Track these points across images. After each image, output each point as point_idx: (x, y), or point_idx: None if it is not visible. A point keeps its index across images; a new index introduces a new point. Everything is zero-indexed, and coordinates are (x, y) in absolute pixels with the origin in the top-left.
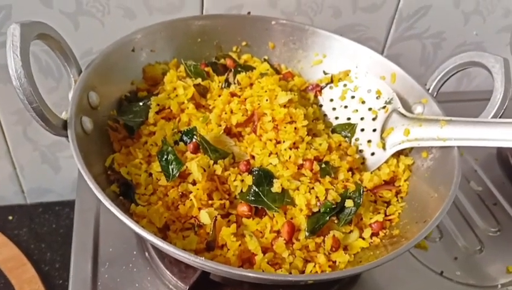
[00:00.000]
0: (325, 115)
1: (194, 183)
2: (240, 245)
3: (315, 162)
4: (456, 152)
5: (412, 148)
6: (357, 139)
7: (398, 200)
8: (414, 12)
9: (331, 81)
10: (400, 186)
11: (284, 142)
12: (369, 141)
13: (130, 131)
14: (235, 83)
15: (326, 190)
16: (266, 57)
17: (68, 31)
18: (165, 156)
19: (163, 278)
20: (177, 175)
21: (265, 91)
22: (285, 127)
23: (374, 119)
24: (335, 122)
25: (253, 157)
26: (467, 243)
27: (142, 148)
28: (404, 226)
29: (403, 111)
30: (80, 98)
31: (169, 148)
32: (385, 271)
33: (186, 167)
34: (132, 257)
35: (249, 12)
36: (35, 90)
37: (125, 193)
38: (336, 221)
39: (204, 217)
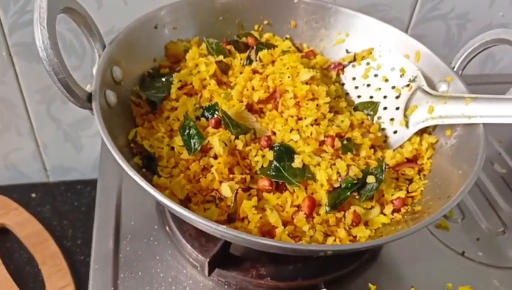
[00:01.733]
0: (347, 94)
1: (215, 157)
2: (260, 218)
3: (337, 139)
4: (481, 129)
5: (435, 127)
6: (379, 118)
7: (420, 178)
8: None
9: (354, 60)
10: (422, 164)
11: (305, 118)
12: (391, 119)
13: (152, 106)
14: (256, 60)
15: (348, 166)
16: (288, 36)
17: (91, 9)
18: (187, 131)
19: (184, 251)
20: (198, 149)
21: (287, 68)
22: (307, 104)
23: (397, 97)
24: (357, 101)
25: (274, 133)
26: (489, 224)
27: (165, 123)
28: (427, 203)
29: (427, 89)
30: (104, 72)
31: (191, 122)
32: (406, 250)
33: (208, 141)
34: (153, 231)
35: None
36: (62, 61)
37: (147, 166)
38: (357, 197)
39: (226, 190)
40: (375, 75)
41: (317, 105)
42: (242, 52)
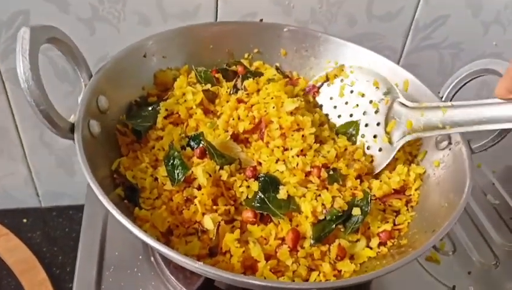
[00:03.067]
0: (327, 115)
1: (199, 188)
2: (243, 252)
3: (323, 169)
4: (467, 159)
5: (423, 157)
6: (363, 136)
7: (408, 210)
8: (431, 21)
9: (327, 80)
10: (410, 195)
11: (291, 149)
12: (375, 136)
13: (138, 135)
14: (242, 89)
15: (333, 197)
16: (278, 64)
17: (84, 37)
18: (172, 161)
19: (168, 283)
20: (182, 180)
21: (272, 98)
22: (292, 135)
23: (376, 112)
24: (338, 121)
25: (260, 163)
26: (481, 257)
27: (149, 153)
28: (413, 236)
29: (403, 100)
30: (88, 102)
31: (176, 152)
32: (396, 284)
33: (192, 171)
34: (137, 262)
35: (261, 20)
36: (43, 93)
37: (130, 197)
38: (342, 229)
39: (208, 222)
40: (351, 92)
41: (302, 136)
42: (231, 80)
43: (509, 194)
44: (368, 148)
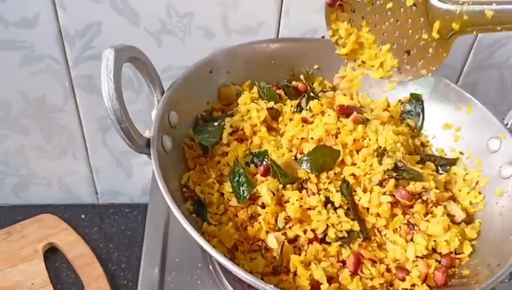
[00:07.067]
0: (363, 17)
1: (263, 206)
2: (310, 275)
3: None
4: None
5: (486, 183)
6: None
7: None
8: (494, 41)
9: None
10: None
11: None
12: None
13: (204, 150)
14: (307, 110)
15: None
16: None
17: (151, 48)
18: (237, 177)
19: None
20: (247, 197)
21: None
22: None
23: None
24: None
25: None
26: None
27: (215, 168)
28: (475, 267)
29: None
30: (161, 118)
31: (241, 169)
32: None
33: (257, 189)
34: (197, 269)
35: (323, 37)
36: (125, 111)
37: (197, 211)
38: None
39: (272, 241)
40: None
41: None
42: (292, 96)
43: None
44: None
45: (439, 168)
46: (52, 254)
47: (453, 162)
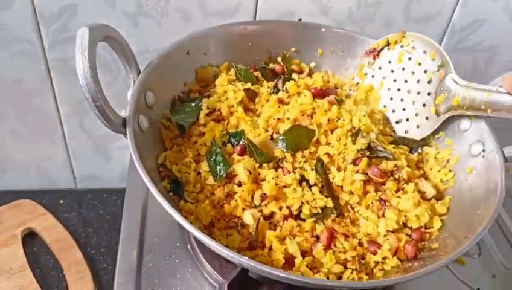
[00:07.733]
0: (384, 78)
1: (239, 184)
2: (284, 249)
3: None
4: (501, 169)
5: (456, 161)
6: (413, 102)
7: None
8: (468, 25)
9: (388, 44)
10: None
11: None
12: (424, 105)
13: (181, 130)
14: (283, 90)
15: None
16: (314, 64)
17: (127, 30)
18: (214, 157)
19: (204, 271)
20: (224, 176)
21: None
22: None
23: (429, 82)
24: (393, 86)
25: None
26: (506, 261)
27: (192, 148)
28: (444, 240)
29: (455, 77)
30: (138, 98)
31: (218, 149)
32: (420, 285)
33: (233, 168)
34: (175, 249)
35: (300, 19)
36: (100, 89)
37: (174, 190)
38: None
39: (248, 218)
40: (409, 59)
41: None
42: (269, 78)
43: None
44: (416, 114)
45: (412, 149)
46: (30, 238)
47: (425, 143)
